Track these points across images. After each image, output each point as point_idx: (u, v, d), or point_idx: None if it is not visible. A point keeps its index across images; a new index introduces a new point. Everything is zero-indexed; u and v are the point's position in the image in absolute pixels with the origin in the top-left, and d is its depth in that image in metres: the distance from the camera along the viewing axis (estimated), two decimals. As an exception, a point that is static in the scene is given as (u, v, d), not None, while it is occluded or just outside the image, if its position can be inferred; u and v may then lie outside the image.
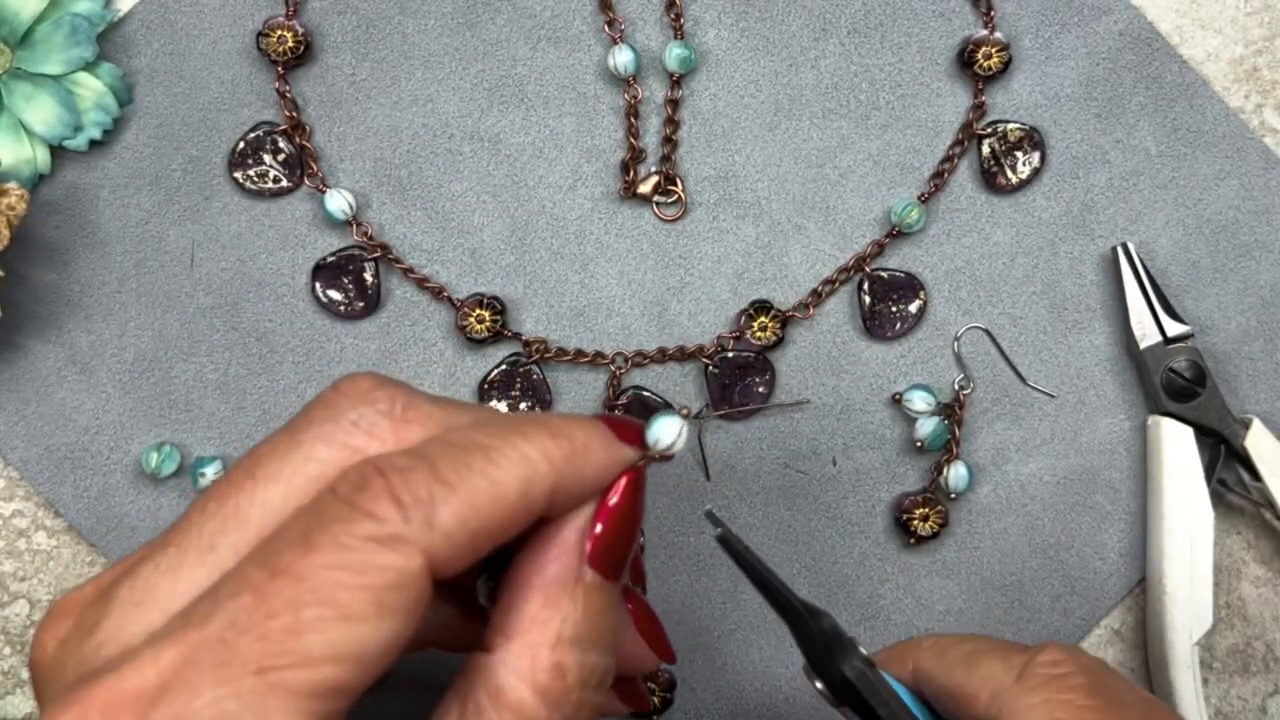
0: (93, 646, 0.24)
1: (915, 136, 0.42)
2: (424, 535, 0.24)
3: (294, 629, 0.23)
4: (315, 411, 0.26)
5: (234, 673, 0.22)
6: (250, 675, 0.22)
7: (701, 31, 0.42)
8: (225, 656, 0.23)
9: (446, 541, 0.24)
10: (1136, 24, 0.42)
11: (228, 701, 0.22)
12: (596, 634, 0.26)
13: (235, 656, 0.22)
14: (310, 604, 0.23)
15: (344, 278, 0.41)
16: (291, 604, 0.23)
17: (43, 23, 0.40)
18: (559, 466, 0.26)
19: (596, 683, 0.26)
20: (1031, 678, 0.29)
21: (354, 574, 0.23)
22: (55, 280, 0.41)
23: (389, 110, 0.41)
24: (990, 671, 0.30)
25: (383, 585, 0.23)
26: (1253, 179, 0.42)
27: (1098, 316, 0.41)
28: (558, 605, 0.26)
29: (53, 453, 0.40)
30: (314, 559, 0.23)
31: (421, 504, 0.24)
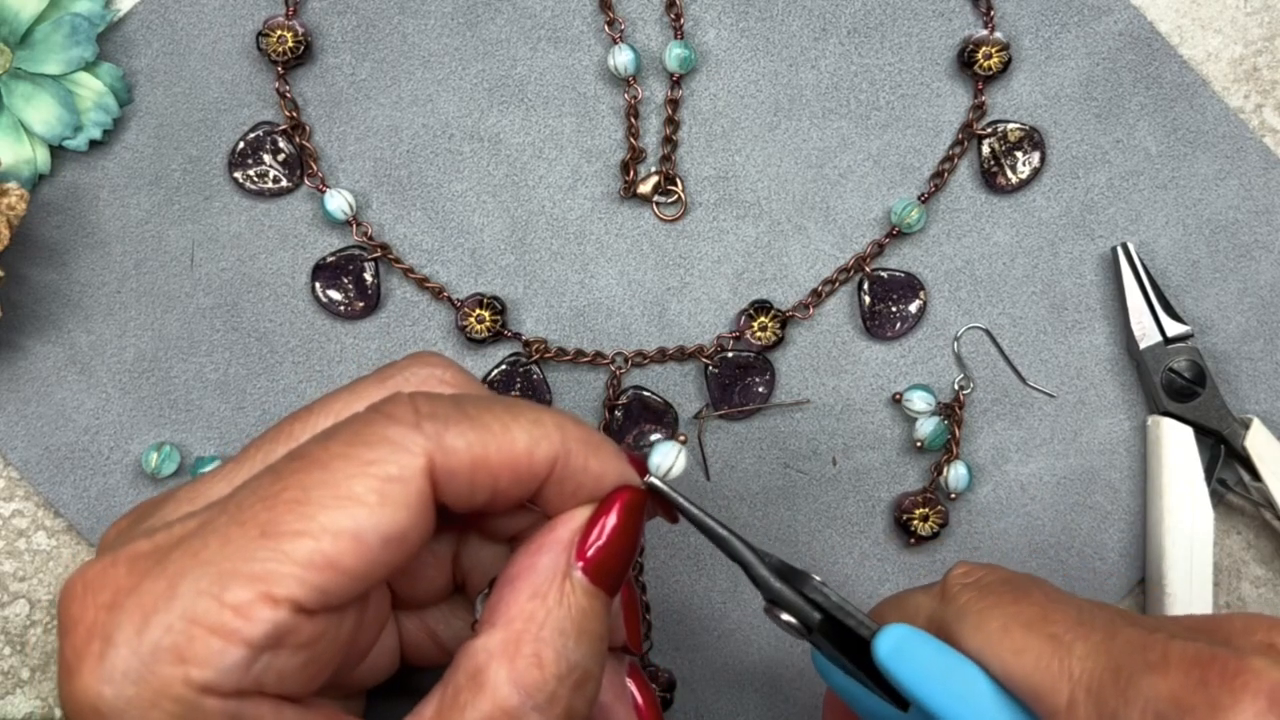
0: (143, 528, 0.27)
1: (915, 136, 0.42)
2: (431, 442, 0.26)
3: (300, 500, 0.25)
4: (378, 370, 0.30)
5: (242, 532, 0.25)
6: (255, 537, 0.25)
7: (701, 31, 0.42)
8: (238, 518, 0.25)
9: (450, 457, 0.26)
10: (1136, 24, 0.42)
11: (231, 558, 0.24)
12: (580, 633, 0.27)
13: (246, 520, 0.25)
14: (318, 483, 0.25)
15: (344, 278, 0.41)
16: (302, 481, 0.25)
17: (43, 22, 0.40)
18: (570, 443, 0.28)
19: (575, 681, 0.27)
20: (951, 592, 0.29)
21: (361, 462, 0.25)
22: (55, 280, 0.41)
23: (389, 110, 0.41)
24: (917, 601, 0.30)
25: (385, 475, 0.25)
26: (1253, 179, 0.42)
27: (1098, 316, 0.41)
28: (544, 598, 0.27)
29: (53, 453, 0.40)
30: (330, 447, 0.26)
31: (436, 419, 0.26)
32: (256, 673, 0.24)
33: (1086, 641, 0.26)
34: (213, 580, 0.24)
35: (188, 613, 0.24)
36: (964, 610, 0.28)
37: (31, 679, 0.41)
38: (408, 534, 0.26)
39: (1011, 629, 0.27)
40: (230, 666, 0.24)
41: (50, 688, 0.41)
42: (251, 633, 0.24)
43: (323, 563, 0.25)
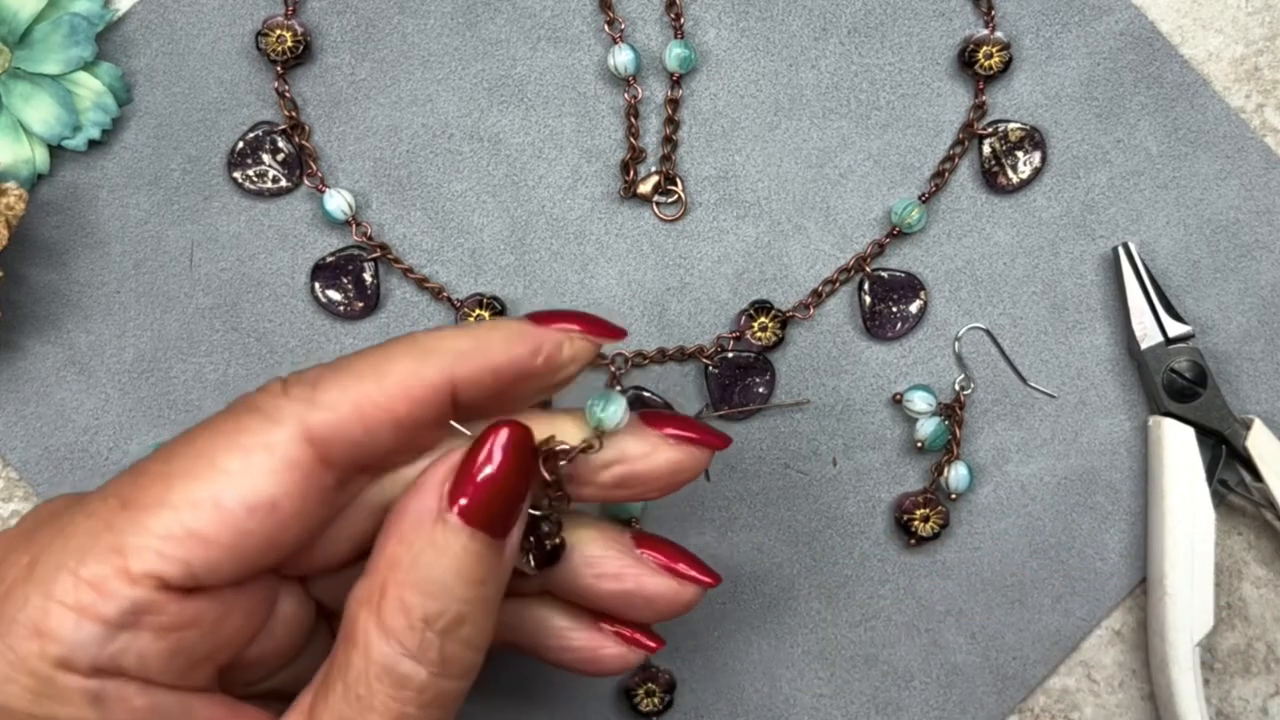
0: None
1: (916, 136, 0.42)
2: (301, 405, 0.25)
3: (162, 473, 0.25)
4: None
5: (104, 505, 0.25)
6: (116, 509, 0.25)
7: (701, 31, 0.42)
8: (103, 493, 0.25)
9: (330, 412, 0.25)
10: (1137, 24, 0.42)
11: (92, 532, 0.24)
12: (455, 576, 0.25)
13: (109, 494, 0.25)
14: (182, 455, 0.25)
15: (343, 278, 0.41)
16: (167, 455, 0.25)
17: (41, 22, 0.40)
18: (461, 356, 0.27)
19: (445, 626, 0.25)
20: None
21: (227, 434, 0.25)
22: (54, 280, 0.41)
23: (388, 110, 0.41)
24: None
25: (249, 444, 0.25)
26: (1254, 179, 0.42)
27: (1098, 317, 0.41)
28: (409, 542, 0.26)
29: (52, 453, 0.40)
30: (202, 425, 0.26)
31: (305, 383, 0.26)
32: (114, 652, 0.24)
33: None
34: (72, 554, 0.24)
35: (45, 587, 0.24)
36: None
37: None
38: (277, 501, 0.25)
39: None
40: (85, 643, 0.24)
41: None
42: (106, 610, 0.24)
43: (182, 533, 0.24)
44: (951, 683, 0.41)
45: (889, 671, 0.41)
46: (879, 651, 0.41)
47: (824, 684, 0.41)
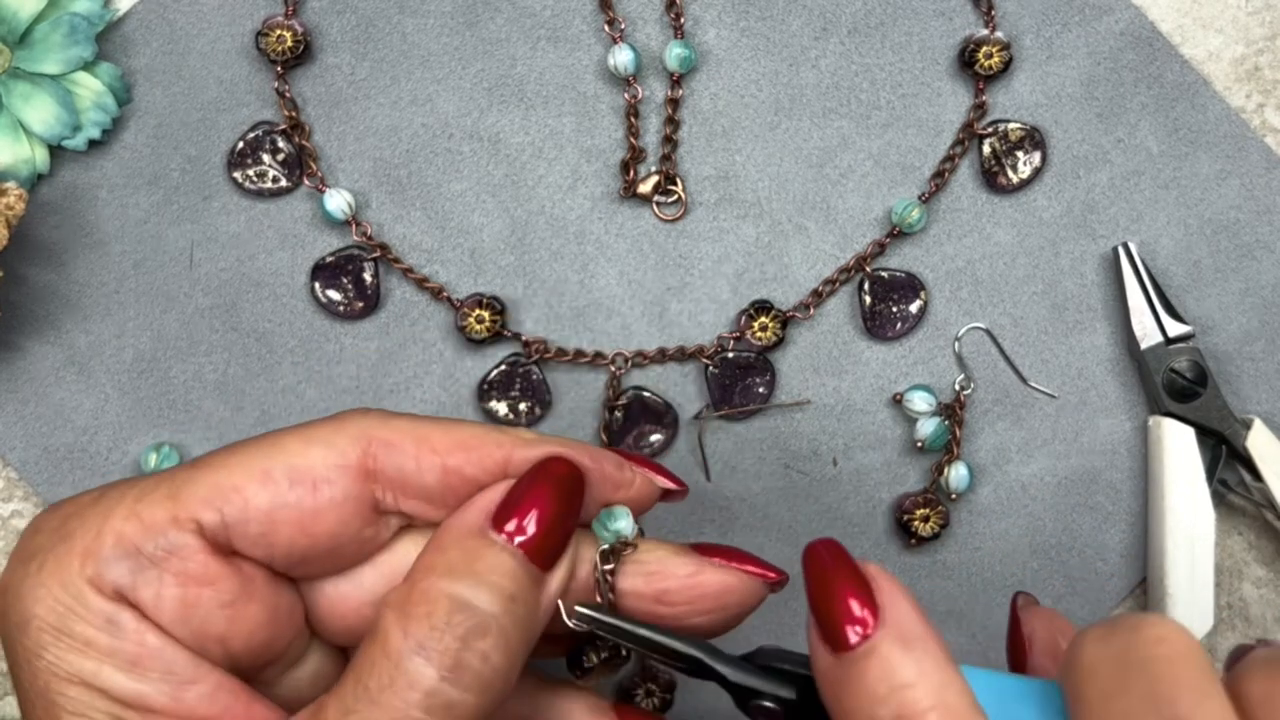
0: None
1: (916, 136, 0.42)
2: (371, 422, 0.28)
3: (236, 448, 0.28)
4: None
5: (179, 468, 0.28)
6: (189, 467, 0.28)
7: (702, 31, 0.42)
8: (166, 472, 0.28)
9: (393, 433, 0.28)
10: (1138, 23, 0.42)
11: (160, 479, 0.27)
12: (483, 585, 0.26)
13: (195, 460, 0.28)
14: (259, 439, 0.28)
15: (343, 278, 0.41)
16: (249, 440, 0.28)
17: (41, 22, 0.40)
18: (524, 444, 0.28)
19: (466, 631, 0.25)
20: None
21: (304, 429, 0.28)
22: (54, 280, 0.41)
23: (388, 110, 0.41)
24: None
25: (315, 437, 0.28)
26: (1254, 179, 0.41)
27: (1099, 316, 0.41)
28: (446, 549, 0.27)
29: (51, 453, 0.40)
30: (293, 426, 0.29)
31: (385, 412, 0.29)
32: (137, 582, 0.26)
33: None
34: (134, 492, 0.27)
35: (104, 515, 0.27)
36: None
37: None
38: (319, 483, 0.27)
39: None
40: (115, 565, 0.26)
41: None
42: (145, 544, 0.26)
43: (229, 487, 0.27)
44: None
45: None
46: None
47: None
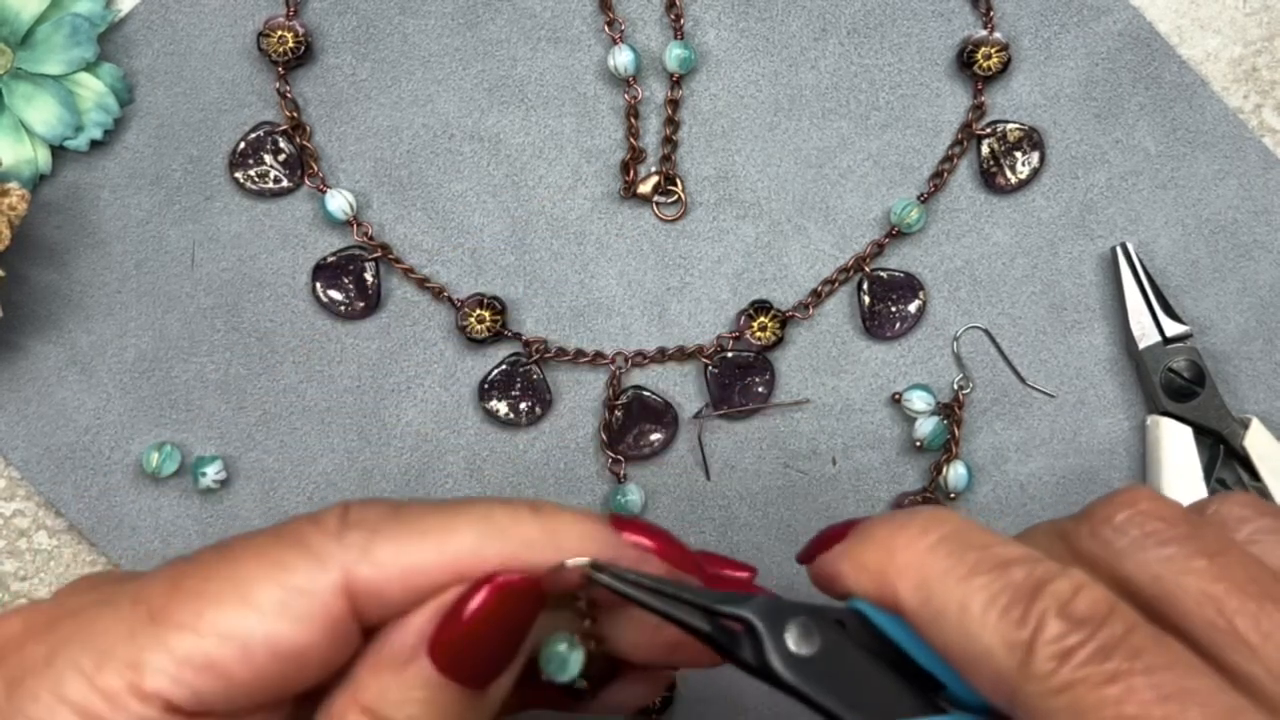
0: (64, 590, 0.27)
1: (915, 137, 0.42)
2: (351, 554, 0.24)
3: (197, 592, 0.24)
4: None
5: (133, 612, 0.24)
6: (144, 620, 0.24)
7: (701, 32, 0.42)
8: (137, 597, 0.24)
9: (378, 571, 0.24)
10: (1136, 24, 0.42)
11: (115, 638, 0.24)
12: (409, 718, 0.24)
13: (142, 600, 0.24)
14: (222, 577, 0.24)
15: (344, 278, 0.41)
16: (207, 572, 0.24)
17: (43, 23, 0.40)
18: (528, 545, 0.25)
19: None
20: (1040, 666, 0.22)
21: (271, 565, 0.24)
22: (56, 280, 0.41)
23: (389, 110, 0.41)
24: (986, 646, 0.23)
25: (290, 585, 0.24)
26: (1252, 179, 0.42)
27: (1097, 316, 0.41)
28: (378, 674, 0.25)
29: (53, 453, 0.40)
30: (250, 542, 0.24)
31: (364, 526, 0.24)
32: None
33: None
34: (90, 657, 0.24)
35: (57, 686, 0.24)
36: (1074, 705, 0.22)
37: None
38: (305, 652, 0.24)
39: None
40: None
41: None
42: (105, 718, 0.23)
43: (202, 663, 0.23)
44: None
45: None
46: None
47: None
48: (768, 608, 0.25)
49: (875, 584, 0.25)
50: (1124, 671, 0.21)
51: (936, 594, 0.24)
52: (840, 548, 0.26)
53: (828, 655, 0.25)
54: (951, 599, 0.23)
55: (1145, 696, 0.21)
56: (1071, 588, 0.23)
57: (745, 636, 0.25)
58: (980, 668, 0.23)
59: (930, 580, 0.24)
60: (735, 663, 0.25)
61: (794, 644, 0.25)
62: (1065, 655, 0.22)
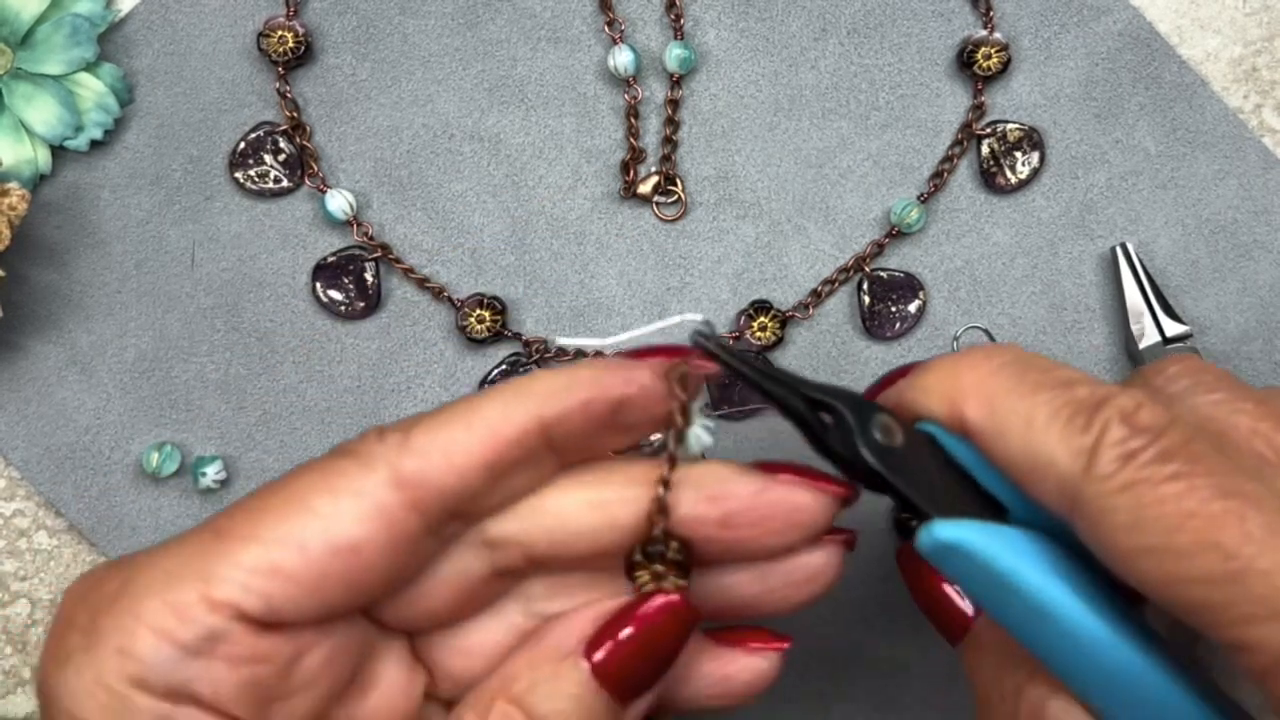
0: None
1: (915, 137, 0.42)
2: (393, 453, 0.25)
3: (257, 510, 0.25)
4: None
5: (199, 536, 0.26)
6: (209, 540, 0.25)
7: (701, 32, 0.42)
8: (201, 526, 0.26)
9: (420, 458, 0.25)
10: (1136, 24, 0.42)
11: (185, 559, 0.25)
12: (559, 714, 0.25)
13: (207, 526, 0.26)
14: (278, 494, 0.25)
15: (344, 278, 0.41)
16: (265, 493, 0.26)
17: (43, 23, 0.40)
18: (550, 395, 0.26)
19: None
20: (1103, 468, 0.23)
21: (323, 475, 0.25)
22: (56, 280, 0.41)
23: (389, 110, 0.41)
24: (1050, 454, 0.24)
25: (343, 489, 0.25)
26: (1252, 179, 0.42)
27: (1097, 317, 0.41)
28: (534, 667, 0.26)
29: (53, 452, 0.40)
30: (303, 469, 0.26)
31: (399, 430, 0.26)
32: (188, 677, 0.24)
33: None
34: (162, 578, 0.25)
35: (135, 607, 0.25)
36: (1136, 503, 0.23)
37: (33, 679, 0.41)
38: (361, 545, 0.25)
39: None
40: (160, 665, 0.24)
41: (51, 687, 0.41)
42: (184, 634, 0.24)
43: (268, 569, 0.25)
44: (952, 683, 0.41)
45: (889, 671, 0.41)
46: (880, 650, 0.41)
47: (824, 682, 0.41)
48: (857, 402, 0.26)
49: (943, 405, 0.26)
50: (1185, 472, 0.22)
51: (1001, 409, 0.25)
52: (907, 379, 0.27)
53: (909, 452, 0.26)
54: (1016, 412, 0.24)
55: (1204, 494, 0.22)
56: (1134, 402, 0.24)
57: (834, 429, 0.26)
58: (1044, 476, 0.24)
59: (995, 397, 0.25)
60: (824, 451, 0.26)
61: (880, 436, 0.26)
62: (1128, 456, 0.23)
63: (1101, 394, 0.24)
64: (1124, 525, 0.23)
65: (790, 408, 0.26)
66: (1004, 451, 0.25)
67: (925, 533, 0.24)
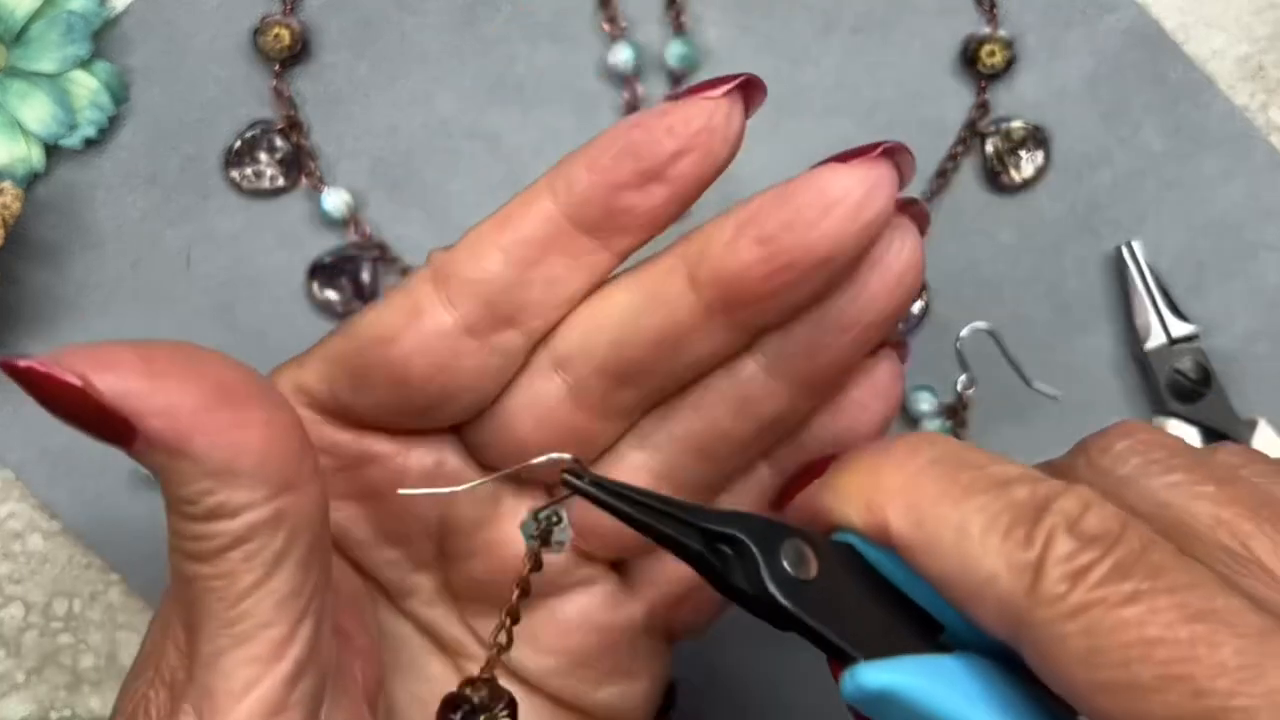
0: None
1: (918, 135, 0.41)
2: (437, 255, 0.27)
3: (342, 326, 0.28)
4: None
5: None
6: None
7: (702, 29, 0.41)
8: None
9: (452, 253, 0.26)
10: (1141, 22, 0.42)
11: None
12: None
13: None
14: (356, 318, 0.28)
15: (341, 277, 0.40)
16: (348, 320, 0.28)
17: (38, 20, 0.40)
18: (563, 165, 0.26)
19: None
20: (1050, 588, 0.20)
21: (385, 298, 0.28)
22: (50, 280, 0.40)
23: (387, 108, 0.41)
24: (989, 570, 0.21)
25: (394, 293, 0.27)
26: (1258, 178, 0.41)
27: (1102, 317, 0.41)
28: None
29: (48, 453, 0.40)
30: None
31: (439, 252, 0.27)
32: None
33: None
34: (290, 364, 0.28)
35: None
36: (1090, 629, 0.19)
37: (27, 682, 0.40)
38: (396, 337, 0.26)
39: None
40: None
41: (46, 691, 0.40)
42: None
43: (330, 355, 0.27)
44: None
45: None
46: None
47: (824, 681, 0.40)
48: (761, 527, 0.23)
49: (862, 514, 0.23)
50: (1145, 591, 0.19)
51: (929, 518, 0.22)
52: (821, 481, 0.25)
53: (825, 582, 0.23)
54: (947, 523, 0.22)
55: (1169, 617, 0.19)
56: (1080, 504, 0.21)
57: (736, 561, 0.23)
58: (982, 596, 0.21)
59: (922, 504, 0.22)
60: (726, 590, 0.23)
61: (791, 567, 0.22)
62: (1078, 575, 0.20)
63: (1042, 494, 0.21)
64: (1078, 656, 0.19)
65: (683, 547, 0.23)
66: (935, 568, 0.22)
67: (849, 679, 0.22)
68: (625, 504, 0.23)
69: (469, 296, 0.26)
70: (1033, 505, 0.21)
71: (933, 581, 0.22)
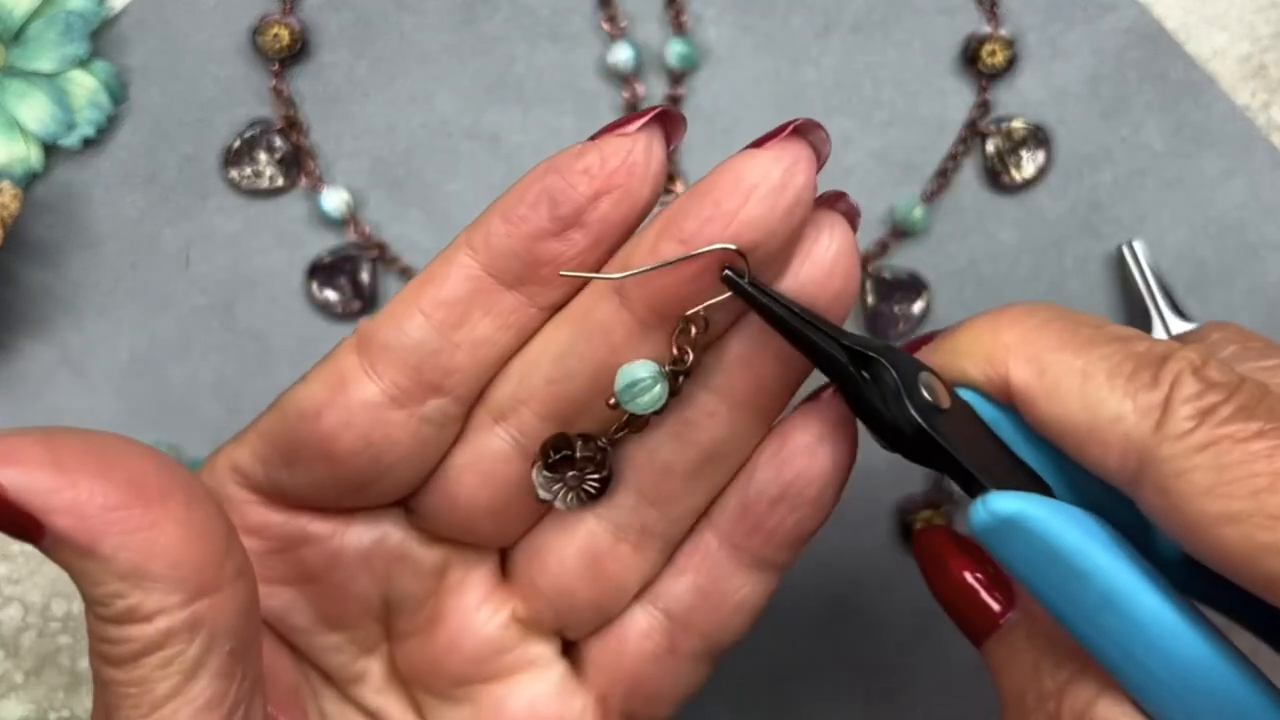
0: None
1: (919, 134, 0.41)
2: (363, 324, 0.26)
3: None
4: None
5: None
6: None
7: (702, 28, 0.41)
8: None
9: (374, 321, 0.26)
10: (1142, 21, 0.41)
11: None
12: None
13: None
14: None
15: (340, 277, 0.40)
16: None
17: (36, 20, 0.40)
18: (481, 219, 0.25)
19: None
20: (1178, 425, 0.21)
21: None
22: (48, 280, 0.40)
23: (386, 108, 0.41)
24: (1114, 411, 0.21)
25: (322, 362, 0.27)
26: (1260, 177, 0.41)
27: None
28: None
29: (46, 454, 0.40)
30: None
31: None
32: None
33: None
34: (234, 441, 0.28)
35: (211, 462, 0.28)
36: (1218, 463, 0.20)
37: (25, 683, 0.40)
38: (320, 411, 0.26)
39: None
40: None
41: (44, 692, 0.40)
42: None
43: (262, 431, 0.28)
44: (955, 685, 0.40)
45: (891, 674, 0.40)
46: (881, 654, 0.40)
47: (825, 684, 0.40)
48: (902, 357, 0.23)
49: (982, 368, 0.23)
50: (1270, 429, 0.20)
51: (1053, 365, 0.22)
52: (937, 340, 0.25)
53: (957, 415, 0.23)
54: (1070, 369, 0.22)
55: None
56: (1200, 357, 0.22)
57: (873, 386, 0.23)
58: (1106, 437, 0.21)
59: (1044, 353, 0.22)
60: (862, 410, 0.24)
61: (928, 395, 0.23)
62: (1206, 412, 0.21)
63: (1163, 349, 0.22)
64: (1204, 488, 0.20)
65: (829, 359, 0.23)
66: (1058, 413, 0.22)
67: (981, 506, 0.22)
68: (779, 307, 0.23)
69: (392, 364, 0.25)
70: (1155, 355, 0.22)
71: (1052, 428, 0.22)
